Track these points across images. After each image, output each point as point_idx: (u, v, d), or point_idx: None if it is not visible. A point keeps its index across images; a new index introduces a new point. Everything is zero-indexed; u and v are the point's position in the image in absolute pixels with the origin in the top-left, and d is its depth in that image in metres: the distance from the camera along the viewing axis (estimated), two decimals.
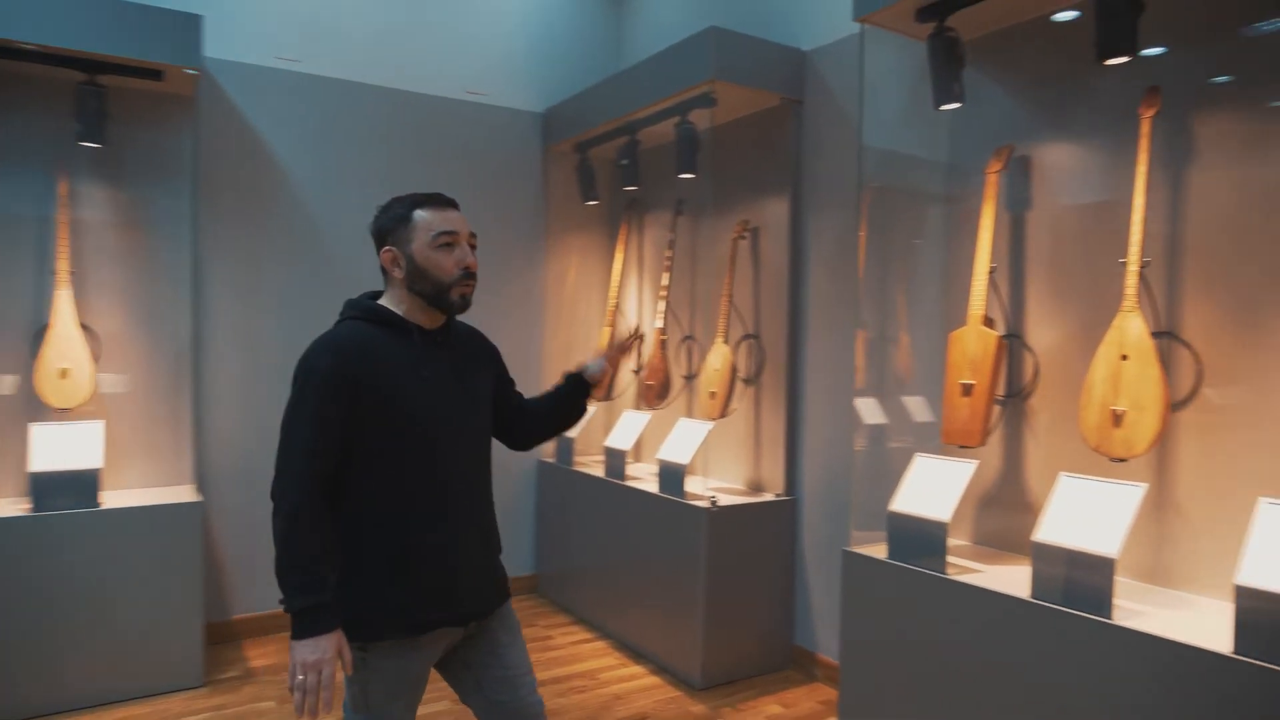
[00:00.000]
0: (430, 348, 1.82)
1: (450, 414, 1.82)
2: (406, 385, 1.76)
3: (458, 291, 1.80)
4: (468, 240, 1.82)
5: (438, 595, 1.76)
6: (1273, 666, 1.81)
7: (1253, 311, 2.23)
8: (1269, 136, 2.20)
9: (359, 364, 1.71)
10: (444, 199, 1.83)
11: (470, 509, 1.84)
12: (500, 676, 1.87)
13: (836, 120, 3.50)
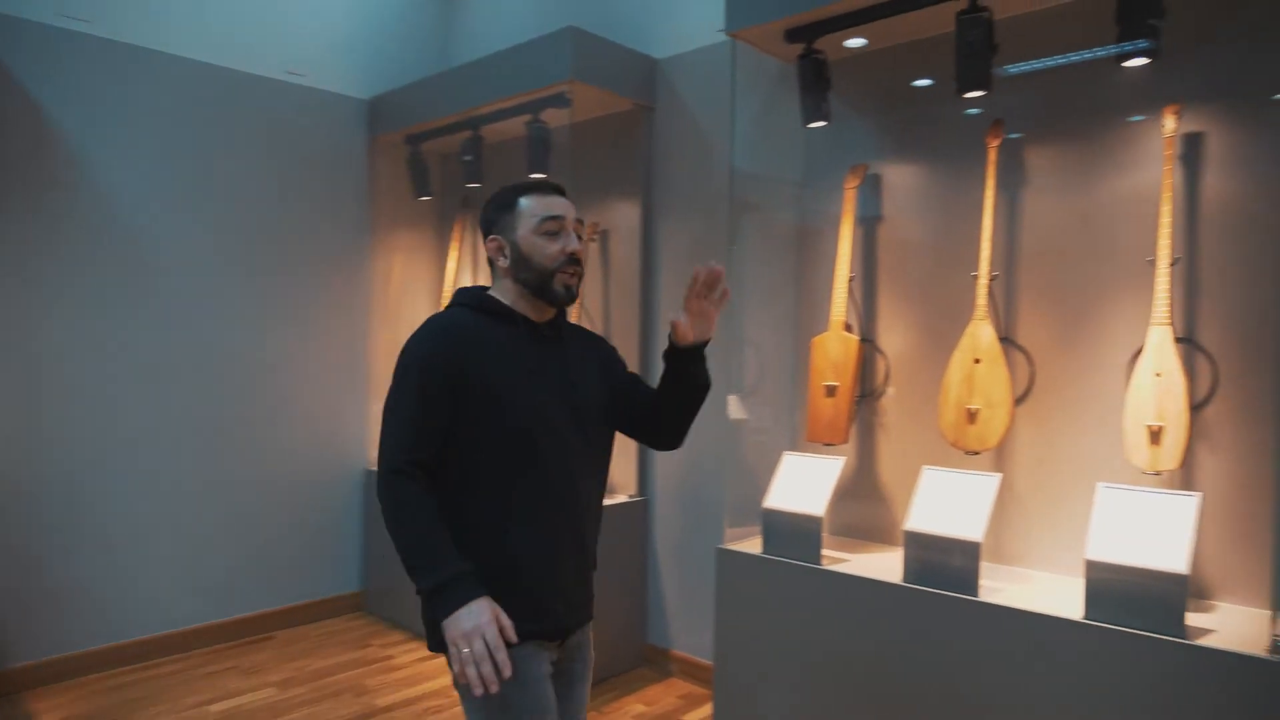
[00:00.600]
0: (539, 342, 1.74)
1: (557, 413, 1.70)
2: (512, 379, 1.66)
3: (561, 280, 1.70)
4: (573, 227, 1.74)
5: (535, 608, 1.65)
6: (1119, 628, 2.09)
7: (1078, 319, 2.56)
8: (1088, 166, 2.54)
9: (463, 351, 1.63)
10: (551, 185, 1.76)
11: (574, 518, 1.72)
12: (565, 711, 1.79)
13: (689, 128, 3.59)
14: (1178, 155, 2.33)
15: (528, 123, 3.72)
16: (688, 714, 3.29)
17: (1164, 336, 2.29)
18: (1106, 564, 2.15)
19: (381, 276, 4.49)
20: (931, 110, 2.87)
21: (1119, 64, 2.27)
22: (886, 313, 2.99)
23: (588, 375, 1.80)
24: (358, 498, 4.40)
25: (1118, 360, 2.47)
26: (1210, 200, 2.34)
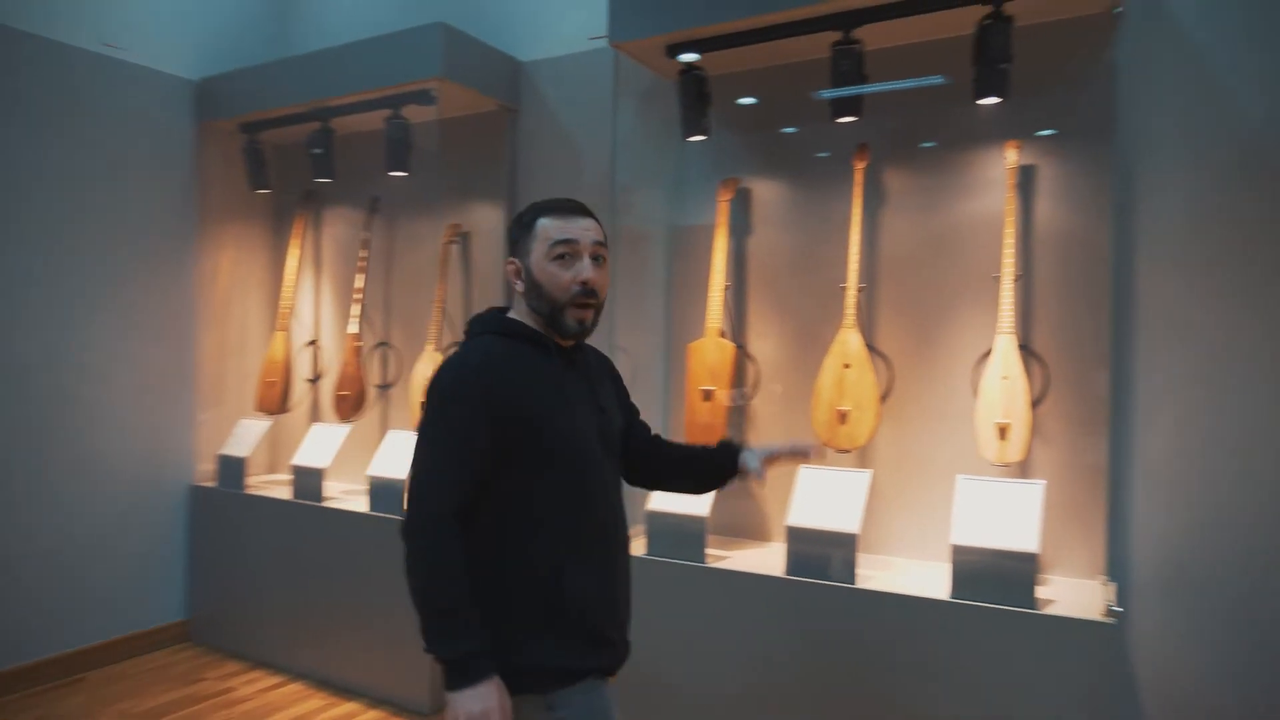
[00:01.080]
0: (569, 367, 1.67)
1: (595, 440, 1.65)
2: (552, 408, 1.58)
3: (573, 314, 1.61)
4: (590, 252, 1.61)
5: (593, 642, 1.60)
6: (981, 604, 2.34)
7: (931, 327, 2.83)
8: (941, 190, 2.82)
9: (499, 385, 1.54)
10: (573, 206, 1.65)
11: (618, 546, 1.68)
12: None
13: (556, 133, 3.60)
14: (1017, 184, 2.64)
15: (388, 118, 3.56)
16: None
17: (1009, 344, 2.59)
18: (969, 547, 2.40)
19: (209, 274, 4.12)
20: (802, 130, 3.06)
21: (974, 101, 2.54)
22: (756, 320, 3.15)
23: (610, 398, 1.77)
24: (182, 517, 4.01)
25: (967, 365, 2.76)
26: (1042, 224, 2.67)
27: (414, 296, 3.92)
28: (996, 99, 2.50)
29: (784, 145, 3.10)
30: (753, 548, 3.02)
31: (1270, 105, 2.41)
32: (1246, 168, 2.43)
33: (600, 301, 1.64)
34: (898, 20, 2.60)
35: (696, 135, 2.98)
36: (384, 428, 3.95)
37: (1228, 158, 2.45)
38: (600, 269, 1.63)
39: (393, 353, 3.98)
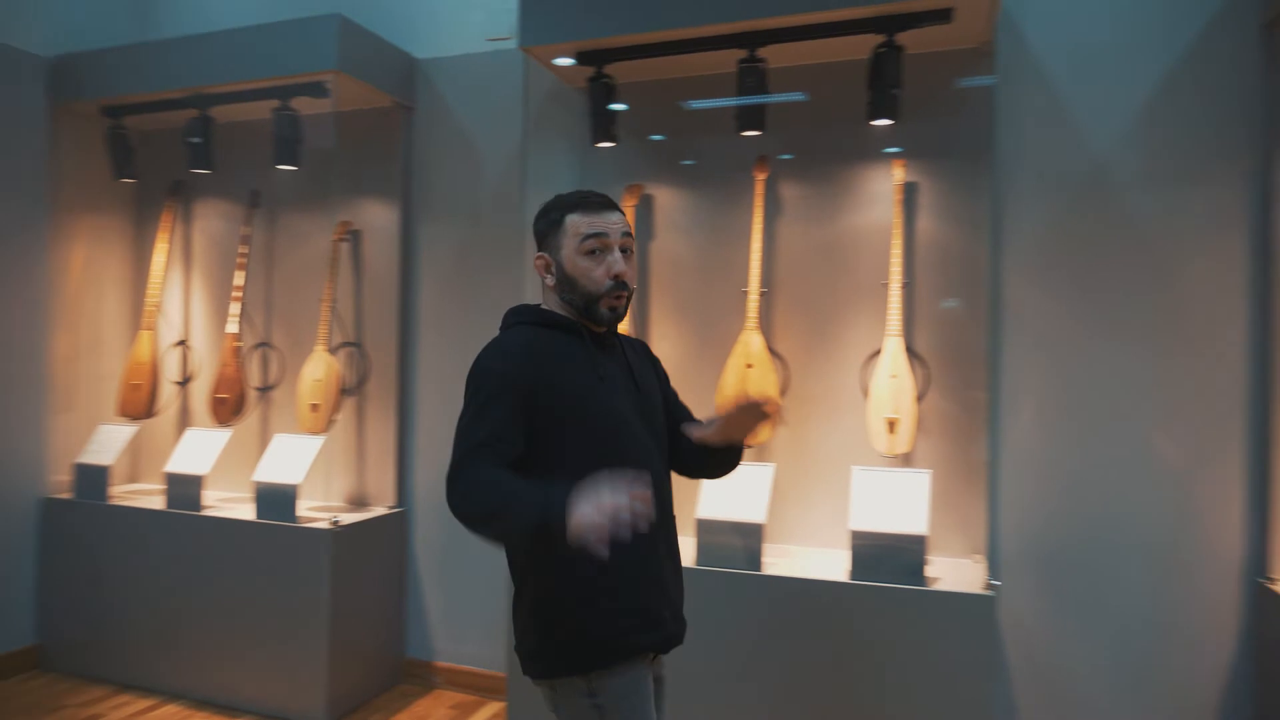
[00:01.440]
0: (604, 350, 1.72)
1: (634, 416, 1.68)
2: (588, 385, 1.62)
3: (607, 304, 1.66)
4: (620, 244, 1.66)
5: (639, 621, 1.60)
6: (878, 584, 2.55)
7: (823, 330, 3.04)
8: (833, 202, 3.03)
9: (535, 368, 1.58)
10: (601, 200, 1.69)
11: (665, 523, 1.68)
12: None
13: (453, 133, 3.57)
14: (903, 200, 2.89)
15: (276, 109, 3.42)
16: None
17: (897, 345, 2.82)
18: (866, 532, 2.61)
19: (63, 268, 3.80)
20: (704, 141, 3.20)
21: (869, 122, 2.76)
22: (658, 321, 3.27)
23: (650, 381, 1.80)
24: (31, 532, 3.67)
25: (857, 364, 2.98)
26: (923, 236, 2.93)
27: (298, 295, 3.78)
28: (888, 120, 2.73)
29: (687, 155, 3.23)
30: None
31: (1113, 131, 2.76)
32: (1096, 187, 2.78)
33: (630, 290, 1.70)
34: (800, 42, 2.78)
35: (605, 141, 3.06)
36: (265, 432, 3.78)
37: (1079, 178, 2.79)
38: (629, 260, 1.69)
39: (275, 354, 3.81)
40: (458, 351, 3.54)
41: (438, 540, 3.60)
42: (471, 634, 3.53)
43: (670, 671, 1.85)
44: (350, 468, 3.70)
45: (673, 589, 1.70)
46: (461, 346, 3.53)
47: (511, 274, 3.40)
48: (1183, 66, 2.72)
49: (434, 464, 3.60)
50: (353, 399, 3.67)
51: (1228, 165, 2.68)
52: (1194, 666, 2.71)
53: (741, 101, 2.86)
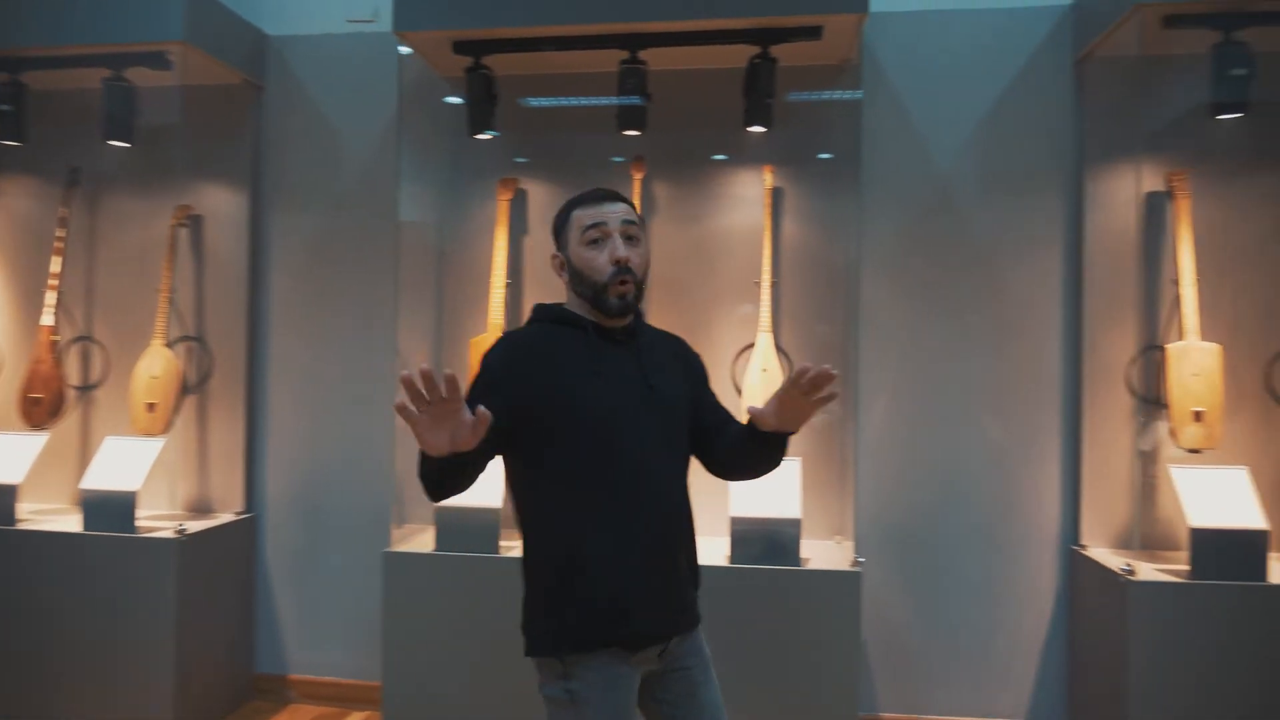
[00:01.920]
0: (609, 345, 1.69)
1: (631, 411, 1.65)
2: (580, 380, 1.63)
3: (614, 291, 1.65)
4: (620, 231, 1.66)
5: (606, 613, 1.58)
6: (756, 566, 2.68)
7: (696, 325, 3.16)
8: (706, 203, 3.16)
9: (528, 360, 1.64)
10: (603, 193, 1.71)
11: (659, 521, 1.65)
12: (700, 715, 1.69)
13: (309, 116, 3.39)
14: (772, 204, 3.05)
15: (107, 80, 3.10)
16: None
17: (768, 341, 2.98)
18: (745, 518, 2.74)
19: None
20: (580, 138, 3.23)
21: (744, 128, 2.90)
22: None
23: (669, 377, 1.75)
24: None
25: (728, 358, 3.12)
26: (788, 239, 3.12)
27: (126, 285, 3.44)
28: (762, 128, 2.89)
29: (564, 150, 3.25)
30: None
31: (953, 149, 3.06)
32: (940, 200, 3.06)
33: (639, 278, 1.68)
34: (680, 47, 2.87)
35: (483, 134, 3.01)
36: (88, 436, 3.42)
37: (926, 191, 3.06)
38: (634, 246, 1.68)
39: (98, 349, 3.45)
40: (314, 347, 3.37)
41: (291, 545, 3.40)
42: (330, 643, 3.37)
43: None
44: (192, 472, 3.41)
45: (656, 587, 1.63)
46: (319, 342, 3.37)
47: (377, 265, 3.28)
48: (1010, 94, 3.06)
49: (288, 465, 3.39)
50: (194, 398, 3.39)
51: (1047, 183, 3.04)
52: (1022, 626, 3.05)
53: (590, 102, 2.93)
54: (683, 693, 1.70)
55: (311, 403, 3.38)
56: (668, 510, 1.68)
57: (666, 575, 1.66)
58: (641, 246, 1.70)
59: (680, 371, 1.81)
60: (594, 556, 1.58)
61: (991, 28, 3.05)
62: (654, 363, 1.74)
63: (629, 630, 1.60)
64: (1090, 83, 2.98)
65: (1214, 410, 2.73)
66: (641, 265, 1.69)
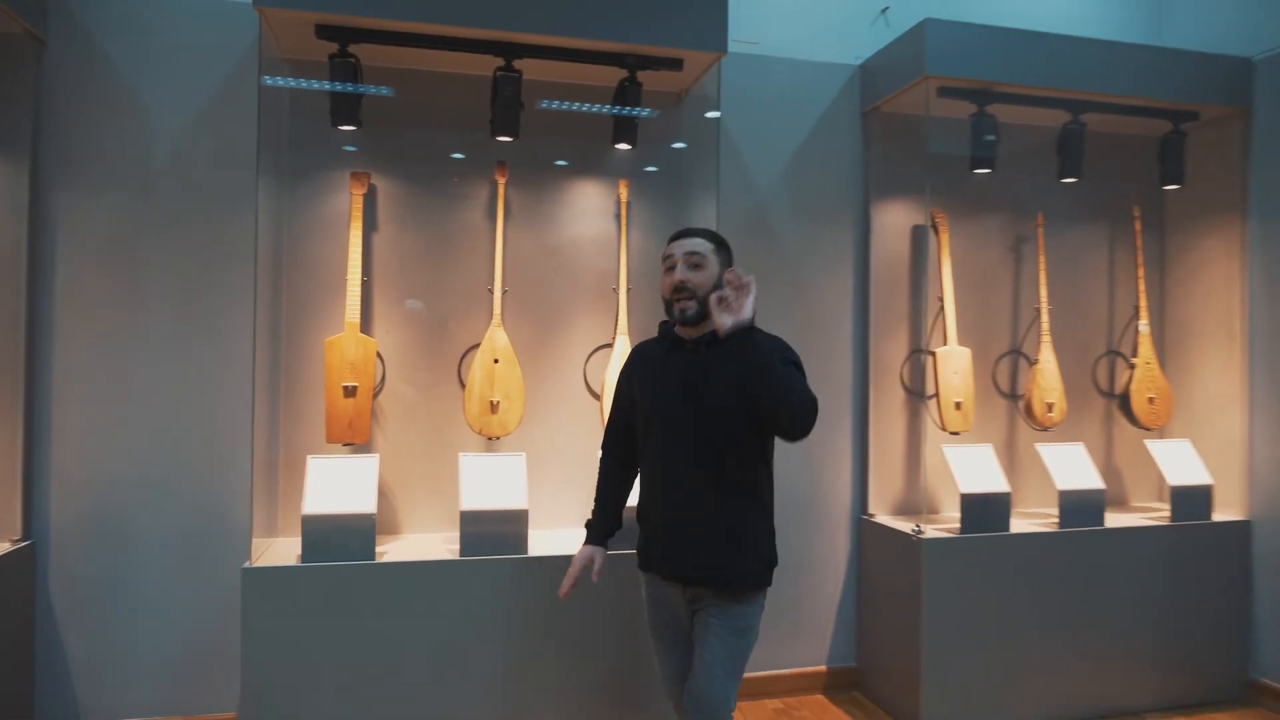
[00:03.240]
0: (683, 354, 2.21)
1: (676, 411, 2.19)
2: (650, 385, 2.27)
3: (677, 306, 2.19)
4: (684, 261, 2.17)
5: (653, 548, 2.26)
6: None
7: (550, 327, 3.29)
8: (561, 210, 3.30)
9: (631, 367, 2.37)
10: (685, 231, 2.26)
11: (691, 492, 2.16)
12: (695, 653, 2.21)
13: (107, 81, 2.97)
14: (622, 214, 3.29)
15: None
16: None
17: (625, 344, 3.21)
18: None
19: None
20: (440, 138, 3.20)
21: (612, 144, 3.10)
22: (382, 316, 3.17)
23: (726, 379, 2.12)
24: None
25: (581, 356, 3.29)
26: (633, 244, 3.37)
27: None
28: (628, 146, 3.11)
29: (424, 149, 3.19)
30: (393, 539, 3.06)
31: (771, 179, 3.52)
32: (760, 220, 3.51)
33: (696, 293, 2.16)
34: (555, 62, 3.00)
35: (347, 124, 2.89)
36: None
37: (750, 212, 3.49)
38: (695, 271, 2.16)
39: None
40: (112, 348, 2.98)
41: (83, 575, 2.95)
42: (139, 681, 2.98)
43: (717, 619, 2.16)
44: None
45: (681, 540, 2.17)
46: (122, 342, 2.99)
47: (192, 258, 2.99)
48: (815, 135, 3.59)
49: (79, 484, 2.94)
50: None
51: (842, 213, 3.61)
52: (824, 592, 3.59)
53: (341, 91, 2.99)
54: (700, 628, 2.19)
55: (108, 412, 2.97)
56: (698, 485, 2.15)
57: (695, 535, 2.15)
58: (705, 271, 2.16)
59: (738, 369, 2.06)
60: (647, 509, 2.29)
61: (802, 76, 3.56)
62: (714, 366, 2.14)
63: (670, 568, 2.21)
64: (874, 132, 3.61)
65: (968, 401, 3.47)
66: (702, 285, 2.15)
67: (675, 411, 2.18)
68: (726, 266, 2.19)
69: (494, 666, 2.77)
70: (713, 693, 2.12)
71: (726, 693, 2.13)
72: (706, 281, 2.16)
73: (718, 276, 2.16)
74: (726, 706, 2.14)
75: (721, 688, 2.12)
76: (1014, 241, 3.80)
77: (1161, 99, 3.50)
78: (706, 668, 2.14)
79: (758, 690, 3.47)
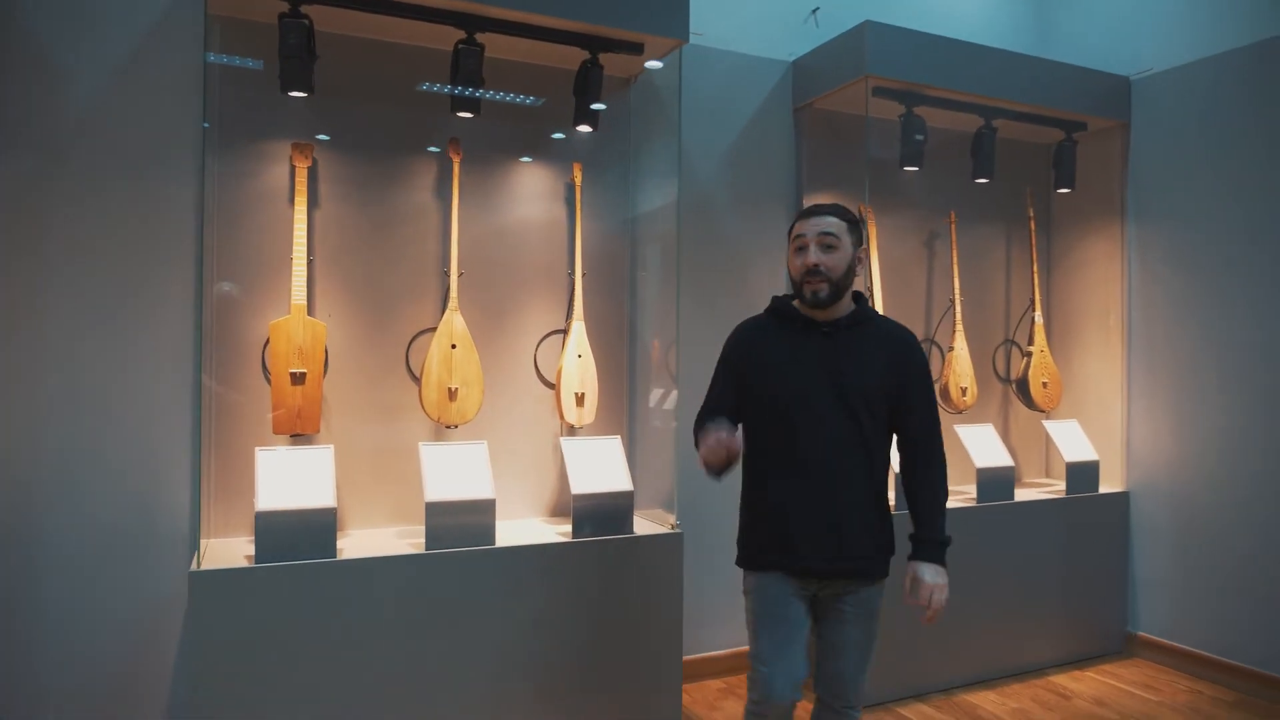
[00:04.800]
0: (813, 335, 2.11)
1: (811, 394, 2.08)
2: (775, 365, 2.12)
3: (808, 289, 2.09)
4: (816, 242, 2.07)
5: (778, 541, 2.11)
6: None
7: (501, 312, 3.20)
8: (510, 194, 3.21)
9: (743, 345, 2.20)
10: (813, 208, 2.13)
11: (823, 479, 2.07)
12: (827, 641, 2.15)
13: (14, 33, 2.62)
14: (572, 198, 3.24)
15: None
16: None
17: (581, 329, 3.18)
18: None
19: None
20: (392, 112, 3.02)
21: (574, 127, 3.04)
22: (321, 298, 2.97)
23: (864, 365, 2.07)
24: None
25: (533, 340, 3.23)
26: (585, 233, 3.33)
27: None
28: (589, 129, 3.07)
29: (373, 122, 3.01)
30: (358, 531, 2.89)
31: (710, 170, 3.58)
32: (703, 210, 3.55)
33: (830, 276, 2.07)
34: (519, 39, 2.91)
35: (298, 91, 2.68)
36: None
37: (692, 203, 3.53)
38: (828, 253, 2.06)
39: None
40: (18, 330, 2.62)
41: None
42: (50, 702, 2.65)
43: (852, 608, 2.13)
44: None
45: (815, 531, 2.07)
46: (19, 321, 2.62)
47: (106, 232, 2.69)
48: (751, 126, 3.67)
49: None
50: None
51: (778, 201, 3.72)
52: None
53: None
54: (835, 623, 2.14)
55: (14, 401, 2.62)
56: (837, 472, 2.07)
57: (832, 524, 2.07)
58: (839, 253, 2.07)
59: (884, 364, 2.10)
60: (774, 499, 2.12)
61: (739, 69, 3.63)
62: (853, 352, 2.09)
63: (798, 562, 2.09)
64: (806, 128, 3.74)
65: None
66: (836, 268, 2.06)
67: (817, 397, 2.06)
68: (859, 247, 2.12)
69: (467, 663, 2.68)
70: (860, 681, 2.15)
71: (865, 678, 2.17)
72: (840, 264, 2.06)
73: (850, 258, 2.09)
74: (864, 692, 2.19)
75: (864, 674, 2.16)
76: (928, 236, 4.06)
77: (1058, 109, 3.84)
78: (852, 655, 2.13)
79: (704, 671, 3.53)
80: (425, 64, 3.01)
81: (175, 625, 2.76)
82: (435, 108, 3.05)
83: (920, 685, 3.43)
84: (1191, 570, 3.70)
